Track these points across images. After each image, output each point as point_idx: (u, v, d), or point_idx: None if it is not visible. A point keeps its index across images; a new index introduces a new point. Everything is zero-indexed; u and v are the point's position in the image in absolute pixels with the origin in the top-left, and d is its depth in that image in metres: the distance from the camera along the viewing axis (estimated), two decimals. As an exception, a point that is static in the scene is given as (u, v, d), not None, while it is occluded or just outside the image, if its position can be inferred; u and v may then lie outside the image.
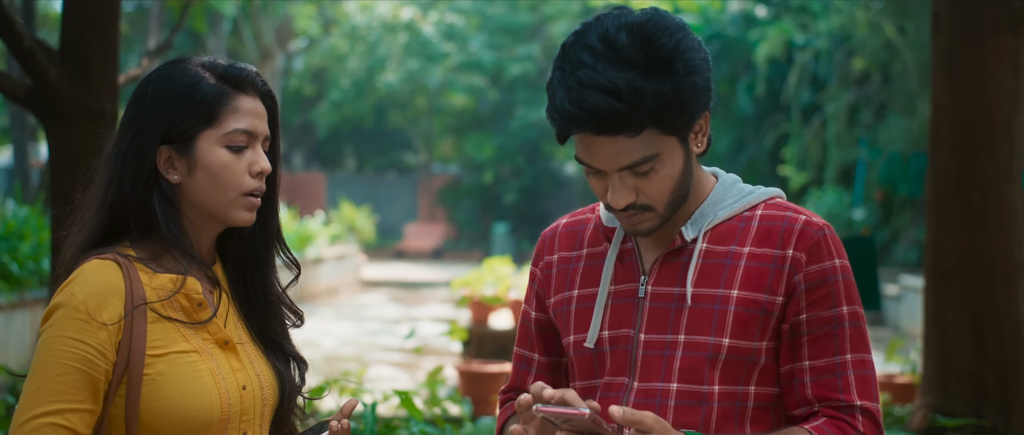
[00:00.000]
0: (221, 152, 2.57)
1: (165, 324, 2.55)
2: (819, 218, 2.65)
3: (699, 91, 2.50)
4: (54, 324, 2.48)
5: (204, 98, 2.56)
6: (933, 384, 8.07)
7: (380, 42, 36.55)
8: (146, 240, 2.58)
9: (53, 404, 2.44)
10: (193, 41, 31.29)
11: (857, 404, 2.58)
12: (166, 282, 2.55)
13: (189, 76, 2.58)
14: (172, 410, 2.50)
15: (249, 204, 2.60)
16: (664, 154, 2.52)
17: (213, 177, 2.57)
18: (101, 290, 2.49)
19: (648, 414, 2.40)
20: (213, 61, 2.63)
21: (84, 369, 2.46)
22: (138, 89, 2.62)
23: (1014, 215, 7.87)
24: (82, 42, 6.60)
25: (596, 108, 2.42)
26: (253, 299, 2.72)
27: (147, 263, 2.56)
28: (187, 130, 2.56)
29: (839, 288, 2.60)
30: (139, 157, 2.56)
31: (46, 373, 2.45)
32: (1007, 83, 7.82)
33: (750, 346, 2.58)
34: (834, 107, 23.13)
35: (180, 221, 2.59)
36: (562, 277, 2.78)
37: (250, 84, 2.62)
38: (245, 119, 2.58)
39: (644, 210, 2.57)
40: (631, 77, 2.42)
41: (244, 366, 2.62)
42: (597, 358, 2.68)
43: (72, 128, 6.58)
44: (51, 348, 2.46)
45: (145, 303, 2.52)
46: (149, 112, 2.57)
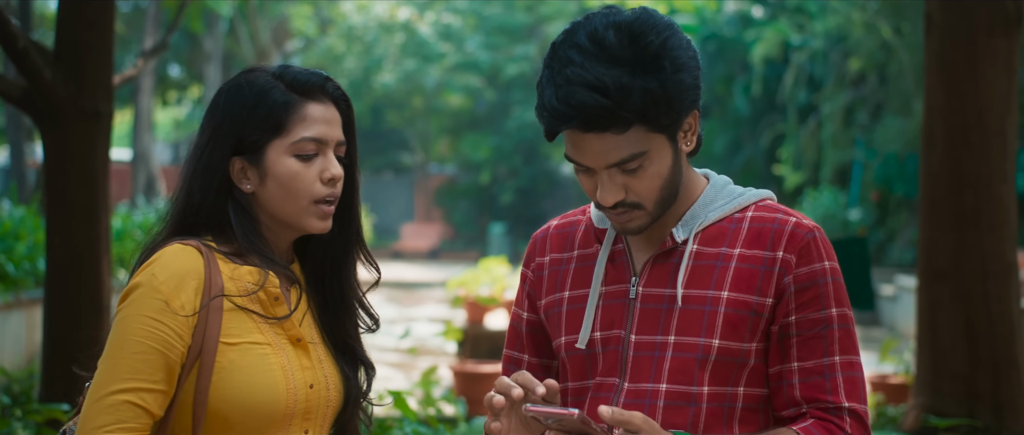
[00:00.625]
0: (290, 161, 2.59)
1: (241, 315, 2.58)
2: (809, 220, 2.66)
3: (686, 89, 2.51)
4: (133, 303, 2.51)
5: (272, 108, 2.59)
6: (926, 384, 8.07)
7: (377, 42, 36.57)
8: (226, 237, 2.63)
9: (129, 382, 2.47)
10: (190, 41, 31.31)
11: (845, 405, 2.59)
12: (246, 275, 2.59)
13: (258, 86, 2.61)
14: (239, 398, 2.53)
15: (321, 212, 2.63)
16: (652, 152, 2.53)
17: (283, 186, 2.60)
18: (181, 273, 2.52)
19: (637, 414, 2.41)
20: (284, 69, 2.65)
21: (161, 350, 2.49)
22: (213, 99, 2.66)
23: (1007, 215, 7.87)
24: (77, 43, 6.61)
25: (583, 104, 2.44)
26: (330, 301, 2.75)
27: (229, 256, 2.60)
28: (257, 141, 2.59)
29: (829, 290, 2.61)
30: (210, 168, 2.60)
31: (123, 351, 2.48)
32: (1000, 84, 7.82)
33: (740, 347, 2.59)
34: (830, 107, 23.17)
35: (257, 228, 2.63)
36: (553, 278, 2.79)
37: (320, 90, 2.64)
38: (314, 127, 2.60)
39: (633, 208, 2.58)
40: (618, 74, 2.44)
41: (313, 365, 2.65)
42: (589, 359, 2.69)
43: (67, 128, 6.59)
44: (129, 327, 2.49)
45: (223, 295, 2.56)
46: (220, 123, 2.61)
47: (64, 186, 6.67)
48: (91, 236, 6.67)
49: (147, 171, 26.54)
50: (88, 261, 6.67)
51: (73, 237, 6.69)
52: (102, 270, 6.72)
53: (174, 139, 46.03)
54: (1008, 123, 7.85)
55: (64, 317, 6.69)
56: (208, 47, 30.06)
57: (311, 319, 2.71)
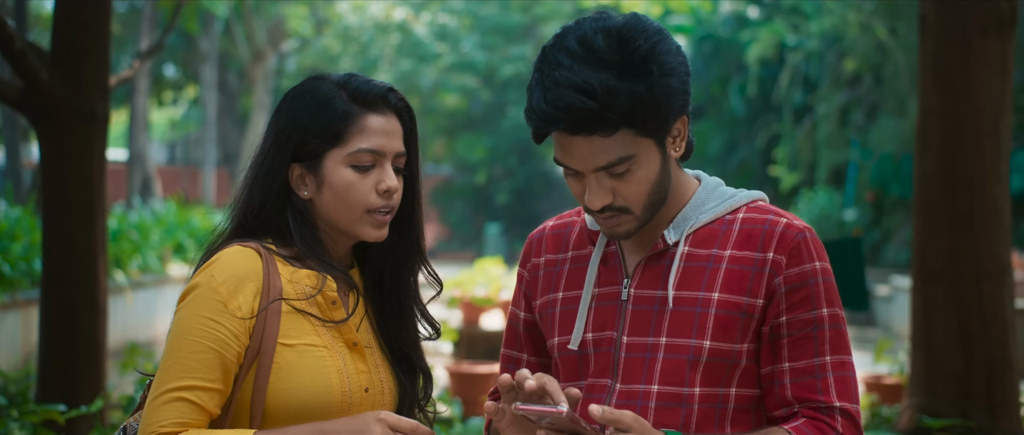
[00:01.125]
0: (346, 171, 2.63)
1: (298, 317, 2.62)
2: (800, 221, 2.68)
3: (674, 93, 2.52)
4: (191, 303, 2.56)
5: (331, 118, 2.62)
6: (920, 385, 8.08)
7: (372, 43, 36.52)
8: (285, 241, 2.67)
9: (184, 380, 2.51)
10: (186, 42, 31.29)
11: (836, 405, 2.61)
12: (305, 278, 2.63)
13: (321, 95, 2.64)
14: (295, 399, 2.57)
15: (376, 221, 2.67)
16: (640, 156, 2.54)
17: (339, 195, 2.64)
18: (240, 275, 2.57)
19: (627, 413, 2.43)
20: (349, 78, 2.68)
21: (217, 349, 2.53)
22: (279, 104, 2.70)
23: (1000, 216, 7.87)
24: (74, 44, 6.62)
25: (570, 107, 2.46)
26: (387, 308, 2.78)
27: (289, 260, 2.65)
28: (315, 149, 2.63)
29: (819, 290, 2.63)
30: (271, 173, 2.65)
31: (181, 350, 2.53)
32: (994, 85, 7.82)
33: (731, 348, 2.61)
34: (826, 108, 23.18)
35: (316, 233, 2.67)
36: (548, 279, 2.82)
37: (382, 101, 2.67)
38: (371, 138, 2.64)
39: (621, 213, 2.60)
40: (606, 77, 2.46)
41: (369, 369, 2.69)
42: (581, 360, 2.71)
43: (63, 129, 6.61)
44: (187, 326, 2.54)
45: (281, 298, 2.60)
46: (282, 129, 2.65)
47: (61, 187, 6.68)
48: (88, 236, 6.69)
49: (143, 171, 26.52)
50: (85, 261, 6.69)
51: (70, 238, 6.70)
52: (99, 270, 6.74)
53: (170, 139, 45.99)
54: (1002, 124, 7.85)
55: (61, 317, 6.70)
56: (204, 47, 30.05)
57: (368, 325, 2.75)
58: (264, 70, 30.85)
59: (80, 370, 6.69)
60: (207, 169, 30.81)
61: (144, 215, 17.92)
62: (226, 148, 36.19)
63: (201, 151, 32.48)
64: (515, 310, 2.92)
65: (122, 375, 10.13)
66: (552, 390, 2.44)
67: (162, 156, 44.82)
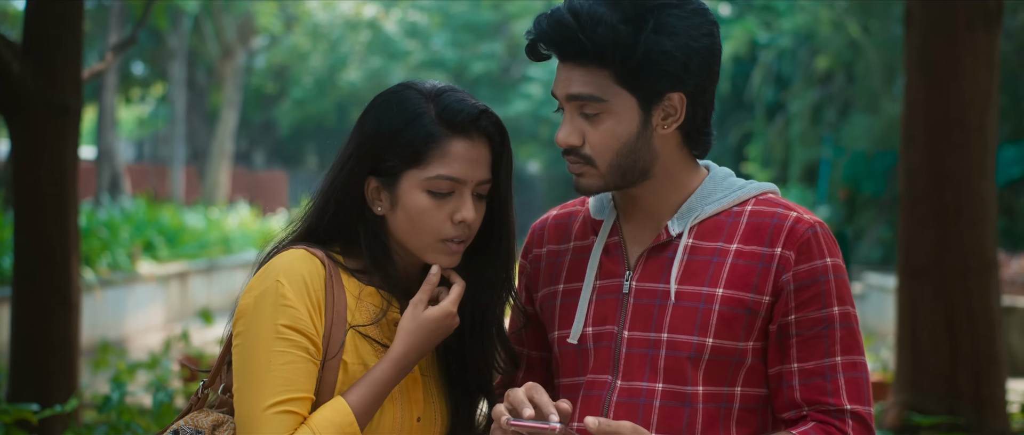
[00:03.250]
0: (421, 196, 2.52)
1: (361, 336, 2.52)
2: (812, 215, 2.59)
3: (664, 55, 2.46)
4: (262, 312, 2.45)
5: (414, 138, 2.50)
6: (906, 382, 8.06)
7: (342, 40, 36.56)
8: (353, 252, 2.56)
9: (280, 394, 2.42)
10: (154, 38, 31.19)
11: (847, 408, 2.52)
12: (370, 296, 2.53)
13: (409, 109, 2.52)
14: None
15: (448, 250, 2.54)
16: (613, 105, 2.49)
17: (411, 219, 2.52)
18: (305, 279, 2.47)
19: (626, 424, 2.36)
20: (441, 93, 2.55)
21: (301, 355, 2.43)
22: (365, 110, 2.59)
23: (987, 211, 7.86)
24: (46, 37, 6.60)
25: (556, 22, 2.45)
26: (468, 339, 2.65)
27: (354, 273, 2.54)
28: (394, 166, 2.51)
29: (830, 288, 2.54)
30: (348, 183, 2.55)
31: (266, 363, 2.43)
32: (981, 79, 7.81)
33: (735, 346, 2.53)
34: (798, 105, 23.26)
35: (387, 251, 2.56)
36: (549, 270, 2.73)
37: (473, 125, 2.53)
38: (453, 165, 2.51)
39: (586, 163, 2.53)
40: (601, 10, 2.43)
41: (424, 399, 2.59)
42: (581, 355, 2.63)
43: (35, 123, 6.59)
44: (267, 336, 2.44)
45: (352, 326, 2.51)
46: (365, 140, 2.54)
47: (33, 181, 6.62)
48: (60, 232, 6.63)
49: (111, 169, 26.43)
50: (58, 257, 6.62)
51: (42, 233, 6.64)
52: (71, 266, 6.66)
53: (137, 137, 45.84)
54: (988, 119, 7.84)
55: (33, 314, 6.62)
56: (172, 44, 29.94)
57: (432, 352, 2.63)
58: (233, 67, 30.77)
59: (53, 368, 6.60)
60: (176, 167, 30.68)
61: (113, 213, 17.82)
62: (195, 145, 36.07)
63: (169, 149, 32.34)
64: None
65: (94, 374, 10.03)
66: (541, 403, 2.36)
67: (130, 154, 44.68)
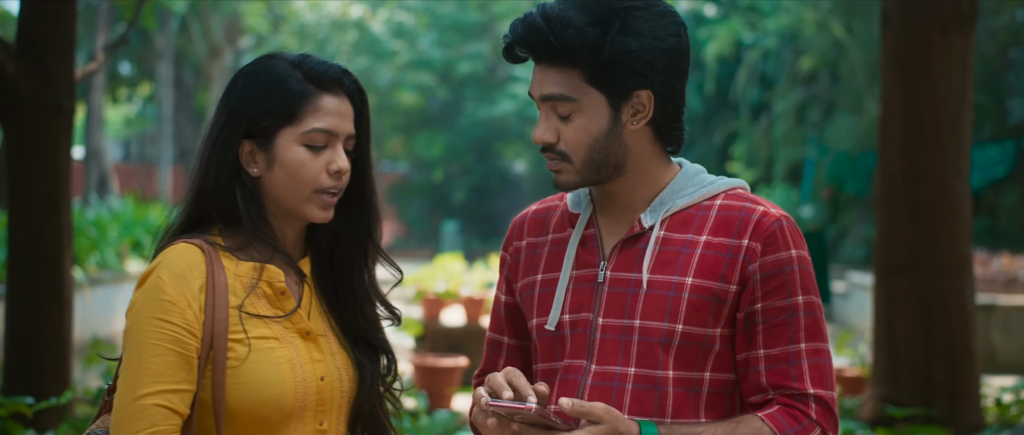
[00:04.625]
0: (299, 150, 2.62)
1: (248, 310, 2.61)
2: (778, 209, 2.70)
3: (630, 54, 2.57)
4: (143, 307, 2.55)
5: (286, 96, 2.61)
6: (883, 376, 8.16)
7: (329, 40, 36.43)
8: (233, 229, 2.65)
9: (153, 385, 2.50)
10: (142, 39, 31.14)
11: (810, 392, 2.62)
12: (249, 270, 2.62)
13: (276, 73, 2.64)
14: (248, 394, 2.56)
15: (323, 202, 2.65)
16: (584, 104, 2.61)
17: (289, 173, 2.62)
18: (184, 272, 2.55)
19: (598, 405, 2.45)
20: (303, 58, 2.67)
21: (177, 349, 2.52)
22: (231, 81, 2.68)
23: (961, 210, 7.97)
24: (39, 38, 6.63)
25: (528, 25, 2.58)
26: (340, 294, 2.76)
27: (233, 251, 2.63)
28: (268, 126, 2.62)
29: (795, 278, 2.64)
30: (224, 150, 2.63)
31: (142, 355, 2.51)
32: (955, 80, 7.92)
33: (703, 332, 2.63)
34: (782, 106, 23.31)
35: (263, 213, 2.65)
36: (528, 262, 2.84)
37: (337, 83, 2.67)
38: (325, 118, 2.63)
39: (562, 159, 2.65)
40: (568, 11, 2.56)
41: (324, 357, 2.67)
42: (558, 341, 2.73)
43: (29, 123, 6.61)
44: (143, 330, 2.53)
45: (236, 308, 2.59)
46: (236, 106, 2.63)
47: (27, 180, 6.67)
48: (54, 229, 6.68)
49: (99, 168, 26.39)
50: (51, 254, 6.69)
51: (36, 230, 6.69)
52: (64, 263, 6.74)
53: (125, 137, 45.72)
54: (962, 119, 7.95)
55: (27, 311, 6.70)
56: (160, 44, 29.92)
57: (321, 312, 2.73)
58: (220, 67, 30.73)
59: (47, 363, 6.69)
60: (163, 166, 30.66)
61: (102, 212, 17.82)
62: (182, 145, 36.03)
63: (157, 148, 32.32)
64: (498, 294, 2.94)
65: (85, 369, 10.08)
66: (519, 386, 2.46)
67: (117, 153, 44.55)
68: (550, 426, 2.45)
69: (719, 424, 2.60)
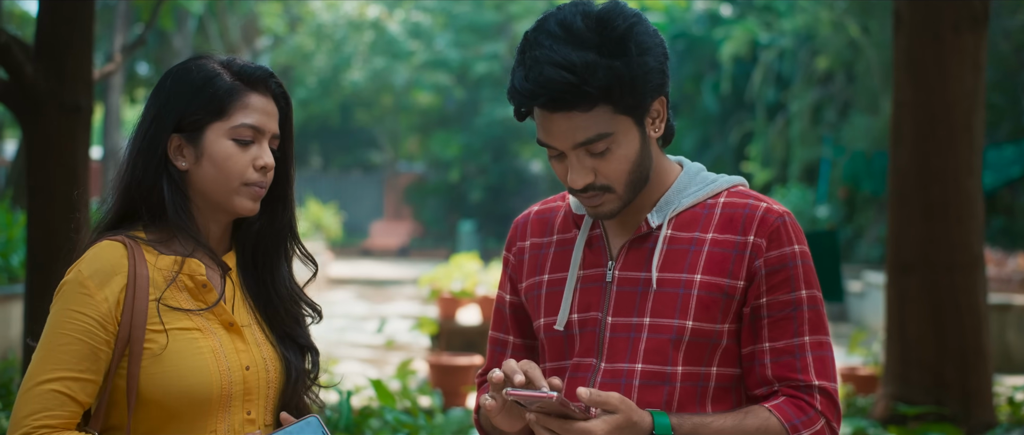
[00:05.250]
0: (227, 144, 2.69)
1: (168, 303, 2.66)
2: (780, 205, 2.76)
3: (651, 72, 2.60)
4: (61, 298, 2.63)
5: (216, 92, 2.69)
6: (895, 374, 8.18)
7: (346, 40, 36.51)
8: (158, 224, 2.71)
9: (55, 372, 2.57)
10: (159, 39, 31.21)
11: (815, 384, 2.68)
12: (169, 263, 2.67)
13: (206, 71, 2.72)
14: (170, 384, 2.61)
15: (251, 193, 2.72)
16: (619, 134, 2.62)
17: (217, 166, 2.69)
18: (105, 268, 2.62)
19: (613, 394, 2.50)
20: (231, 59, 2.76)
21: (85, 340, 2.58)
22: (160, 80, 2.76)
23: (973, 208, 7.98)
24: (57, 38, 6.64)
25: (550, 81, 2.54)
26: (262, 290, 2.83)
27: (155, 245, 2.69)
28: (198, 121, 2.69)
29: (798, 273, 2.71)
30: (152, 143, 2.70)
31: (51, 343, 2.59)
32: (967, 80, 7.94)
33: (712, 328, 2.68)
34: (798, 105, 23.28)
35: (188, 206, 2.71)
36: (533, 262, 2.88)
37: (263, 84, 2.75)
38: (253, 115, 2.71)
39: (604, 192, 2.67)
40: (585, 54, 2.54)
41: (249, 347, 2.74)
42: (566, 340, 2.78)
43: (48, 123, 6.62)
44: (57, 321, 2.61)
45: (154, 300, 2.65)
46: (165, 102, 2.71)
47: (45, 179, 6.70)
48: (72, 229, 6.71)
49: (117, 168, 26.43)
50: (69, 254, 6.71)
51: (54, 230, 6.71)
52: (83, 262, 6.75)
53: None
54: (975, 118, 7.97)
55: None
56: (177, 45, 29.98)
57: (246, 305, 2.79)
58: (238, 68, 30.73)
59: (65, 361, 6.71)
60: (181, 166, 30.65)
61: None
62: (199, 146, 36.04)
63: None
64: (501, 293, 2.98)
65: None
66: (535, 377, 2.51)
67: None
68: (567, 415, 2.49)
69: (728, 415, 2.66)
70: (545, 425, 2.50)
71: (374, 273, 28.87)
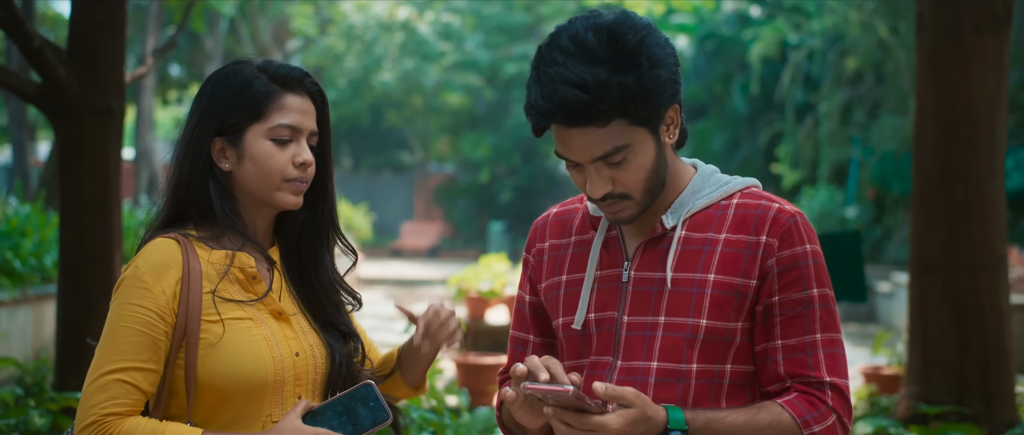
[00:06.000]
0: (266, 144, 2.83)
1: (221, 295, 2.81)
2: (792, 206, 2.83)
3: (664, 83, 2.67)
4: (120, 293, 2.76)
5: (254, 95, 2.83)
6: (917, 374, 8.20)
7: (376, 41, 36.57)
8: (207, 223, 2.86)
9: (118, 362, 2.70)
10: (191, 41, 31.37)
11: (826, 380, 2.75)
12: (221, 257, 2.81)
13: (243, 75, 2.85)
14: (228, 371, 2.75)
15: (293, 188, 2.86)
16: (635, 145, 2.69)
17: (258, 166, 2.83)
18: (161, 262, 2.76)
19: (629, 389, 2.57)
20: (268, 62, 2.89)
21: (145, 331, 2.72)
22: (201, 86, 2.90)
23: (996, 209, 7.99)
24: (89, 42, 6.74)
25: (566, 100, 2.61)
26: (305, 280, 2.97)
27: (206, 241, 2.84)
28: (238, 124, 2.83)
29: (810, 271, 2.77)
30: (197, 147, 2.85)
31: (113, 336, 2.72)
32: (989, 81, 7.95)
33: (726, 326, 2.76)
34: (827, 106, 23.22)
35: (234, 205, 2.86)
36: (552, 263, 2.96)
37: (299, 84, 2.88)
38: (290, 115, 2.84)
39: (622, 199, 2.75)
40: (597, 71, 2.61)
41: (297, 335, 2.87)
42: (584, 339, 2.86)
43: (80, 125, 6.72)
44: (117, 314, 2.73)
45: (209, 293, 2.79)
46: (207, 107, 2.86)
47: (78, 181, 6.79)
48: (104, 229, 6.81)
49: (149, 169, 26.59)
50: (101, 254, 6.81)
51: (86, 231, 6.81)
52: (115, 262, 6.86)
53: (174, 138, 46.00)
54: (997, 120, 7.98)
55: (78, 309, 6.82)
56: (209, 46, 30.12)
57: (290, 295, 2.92)
58: (269, 69, 30.81)
59: (97, 359, 6.80)
60: (212, 167, 30.73)
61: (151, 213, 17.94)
62: (231, 147, 36.14)
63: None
64: (522, 293, 3.07)
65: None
66: (556, 373, 2.58)
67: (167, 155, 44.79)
68: (584, 409, 2.56)
69: (741, 410, 2.73)
70: (562, 418, 2.56)
71: (404, 274, 28.93)
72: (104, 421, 2.66)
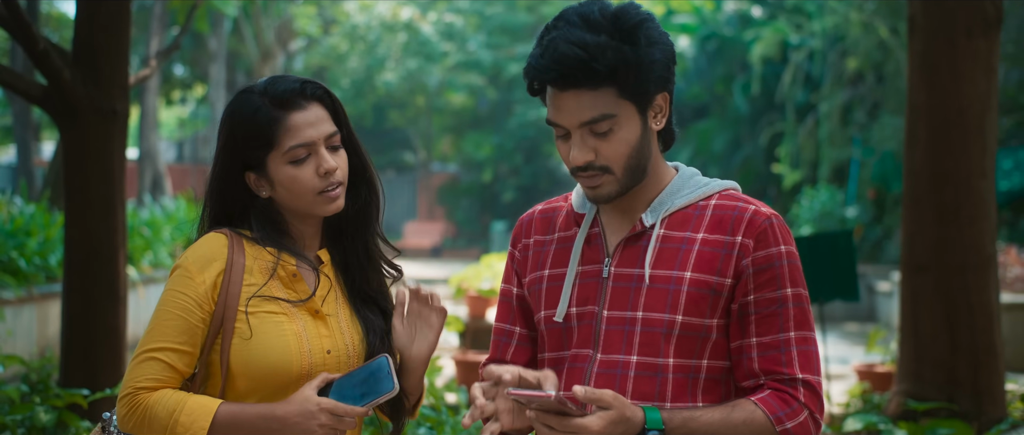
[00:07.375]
0: (288, 168, 3.00)
1: (264, 289, 3.00)
2: (768, 208, 2.92)
3: (656, 63, 2.79)
4: (169, 281, 2.99)
5: (261, 128, 2.98)
6: (908, 372, 8.26)
7: (379, 42, 36.61)
8: (257, 222, 3.07)
9: (158, 343, 2.93)
10: (194, 41, 31.42)
11: (799, 377, 2.84)
12: (268, 255, 3.01)
13: (248, 108, 3.00)
14: (256, 361, 2.95)
15: (328, 198, 3.02)
16: (622, 118, 2.80)
17: (288, 188, 3.01)
18: (206, 254, 2.98)
19: (607, 392, 2.66)
20: (269, 85, 3.03)
21: (184, 316, 2.93)
22: (221, 122, 3.06)
23: (985, 209, 8.04)
24: (94, 45, 6.80)
25: (563, 56, 2.74)
26: (352, 259, 3.15)
27: (256, 241, 3.03)
28: (258, 157, 3.01)
29: (784, 272, 2.86)
30: (230, 183, 3.05)
31: (157, 319, 2.94)
32: (980, 83, 8.00)
33: (702, 323, 2.85)
34: (828, 106, 23.23)
35: (278, 226, 3.06)
36: (536, 258, 3.07)
37: (300, 97, 3.01)
38: (299, 134, 2.99)
39: (603, 172, 2.84)
40: (596, 36, 2.74)
41: (332, 333, 3.04)
42: (565, 332, 2.96)
43: (85, 127, 6.78)
44: (163, 300, 2.96)
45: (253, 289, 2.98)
46: (225, 146, 3.03)
47: (82, 181, 6.86)
48: (108, 229, 6.90)
49: (153, 169, 26.64)
50: (105, 253, 6.90)
51: (91, 230, 6.88)
52: (119, 261, 6.95)
53: (178, 138, 46.06)
54: (987, 121, 8.03)
55: (82, 307, 6.91)
56: (212, 47, 30.18)
57: (336, 295, 3.09)
58: (272, 69, 30.87)
59: (101, 357, 6.91)
60: (216, 167, 30.74)
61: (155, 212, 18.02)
62: (234, 146, 36.09)
63: (209, 149, 32.53)
64: (508, 286, 3.16)
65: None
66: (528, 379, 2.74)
67: (171, 154, 44.90)
68: (565, 412, 2.64)
69: (716, 408, 2.81)
70: (544, 422, 2.65)
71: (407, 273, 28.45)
72: (137, 393, 2.88)
